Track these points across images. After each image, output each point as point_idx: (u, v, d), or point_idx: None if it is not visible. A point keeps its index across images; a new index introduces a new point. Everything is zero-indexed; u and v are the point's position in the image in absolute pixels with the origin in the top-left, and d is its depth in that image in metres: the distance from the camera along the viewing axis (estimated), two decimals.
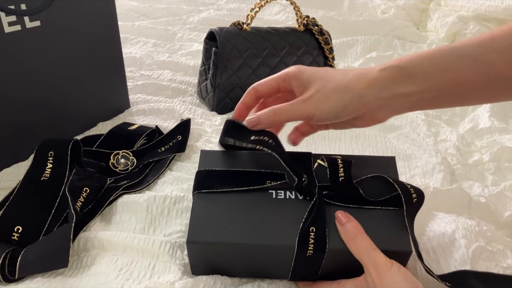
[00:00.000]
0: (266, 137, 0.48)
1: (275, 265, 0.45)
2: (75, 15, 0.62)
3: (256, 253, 0.44)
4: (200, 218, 0.44)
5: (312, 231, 0.42)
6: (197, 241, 0.43)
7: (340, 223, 0.42)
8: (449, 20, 1.20)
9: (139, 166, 0.63)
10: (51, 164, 0.55)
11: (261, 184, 0.47)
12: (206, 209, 0.45)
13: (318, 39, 0.82)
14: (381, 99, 0.42)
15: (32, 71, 0.59)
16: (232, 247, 0.43)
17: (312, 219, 0.43)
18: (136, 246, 0.48)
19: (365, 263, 0.40)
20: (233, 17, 1.26)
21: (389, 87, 0.41)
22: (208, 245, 0.43)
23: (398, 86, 0.41)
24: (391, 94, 0.41)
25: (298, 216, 0.44)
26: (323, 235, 0.42)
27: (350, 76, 0.43)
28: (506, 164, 0.67)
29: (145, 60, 0.96)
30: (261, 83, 0.49)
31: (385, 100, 0.42)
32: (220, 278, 0.46)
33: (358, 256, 0.40)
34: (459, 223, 0.50)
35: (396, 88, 0.41)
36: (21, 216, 0.51)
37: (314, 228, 0.42)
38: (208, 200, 0.46)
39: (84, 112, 0.70)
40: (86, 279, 0.45)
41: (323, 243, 0.42)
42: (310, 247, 0.42)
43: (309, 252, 0.42)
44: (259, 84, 0.49)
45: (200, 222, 0.44)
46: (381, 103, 0.42)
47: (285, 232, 0.43)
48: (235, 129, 0.49)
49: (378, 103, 0.42)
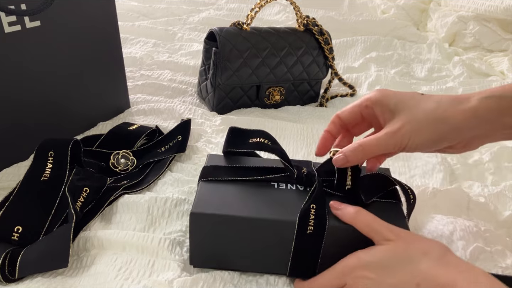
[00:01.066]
0: (262, 138, 0.52)
1: (276, 247, 0.45)
2: (75, 15, 0.62)
3: (258, 231, 0.44)
4: (205, 195, 0.46)
5: (313, 208, 0.44)
6: (201, 213, 0.43)
7: (336, 209, 0.43)
8: (449, 20, 1.20)
9: (139, 166, 0.63)
10: (51, 164, 0.55)
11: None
12: (211, 189, 0.47)
13: (318, 39, 0.82)
14: (481, 129, 0.39)
15: (32, 71, 0.59)
16: (235, 221, 0.44)
17: (313, 199, 0.45)
18: (135, 243, 0.48)
19: (380, 231, 0.39)
20: (233, 17, 1.26)
21: (491, 118, 0.38)
22: (211, 217, 0.44)
23: (501, 117, 0.38)
24: (492, 126, 0.38)
25: (300, 200, 0.45)
26: (323, 212, 0.43)
27: (444, 105, 0.40)
28: (506, 164, 0.67)
29: (145, 60, 0.96)
30: (344, 111, 0.47)
31: (485, 131, 0.39)
32: (220, 274, 0.46)
33: (368, 228, 0.40)
34: (456, 225, 0.50)
35: (498, 120, 0.38)
36: (21, 216, 0.51)
37: (314, 205, 0.44)
38: (213, 184, 0.48)
39: (84, 112, 0.70)
40: (86, 279, 0.45)
41: (323, 220, 0.43)
42: (310, 222, 0.43)
43: (309, 230, 0.43)
44: (342, 112, 0.47)
45: (205, 198, 0.45)
46: (480, 133, 0.39)
47: (287, 209, 0.44)
48: (235, 138, 0.54)
49: (476, 133, 0.39)
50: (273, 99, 0.83)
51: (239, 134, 0.55)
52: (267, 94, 0.82)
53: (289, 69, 0.81)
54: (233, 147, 0.54)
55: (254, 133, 0.54)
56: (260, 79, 0.79)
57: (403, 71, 1.02)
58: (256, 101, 0.83)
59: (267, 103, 0.83)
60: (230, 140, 0.54)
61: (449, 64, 1.07)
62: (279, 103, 0.84)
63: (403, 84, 0.96)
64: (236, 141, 0.54)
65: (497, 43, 1.14)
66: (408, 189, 0.48)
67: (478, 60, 1.08)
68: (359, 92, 0.93)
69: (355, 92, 0.92)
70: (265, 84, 0.80)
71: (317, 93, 0.88)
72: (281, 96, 0.83)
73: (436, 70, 1.04)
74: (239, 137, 0.54)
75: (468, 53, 1.13)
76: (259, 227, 0.44)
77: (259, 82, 0.80)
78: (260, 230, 0.44)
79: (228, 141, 0.54)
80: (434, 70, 1.04)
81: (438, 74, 1.03)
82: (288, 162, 0.49)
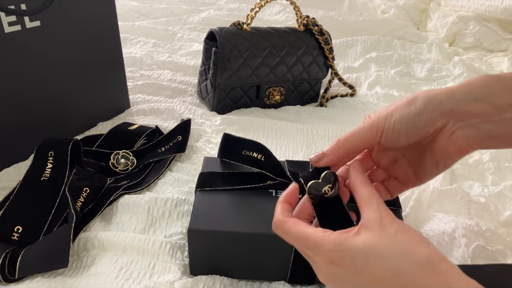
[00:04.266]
0: (256, 153, 0.51)
1: (275, 257, 0.45)
2: (75, 15, 0.62)
3: (256, 245, 0.44)
4: (202, 209, 0.45)
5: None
6: (199, 229, 0.43)
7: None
8: (449, 20, 1.20)
9: (139, 166, 0.63)
10: (51, 164, 0.55)
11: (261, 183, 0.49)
12: (208, 202, 0.46)
13: (318, 39, 0.82)
14: (461, 111, 0.35)
15: (32, 71, 0.59)
16: (233, 237, 0.43)
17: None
18: (136, 246, 0.48)
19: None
20: (233, 17, 1.26)
21: (471, 96, 0.35)
22: (209, 234, 0.43)
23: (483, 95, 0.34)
24: (469, 108, 0.34)
25: None
26: None
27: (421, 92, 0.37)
28: (506, 164, 0.67)
29: (145, 60, 0.96)
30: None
31: (463, 114, 0.35)
32: (219, 278, 0.46)
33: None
34: (458, 223, 0.50)
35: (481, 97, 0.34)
36: (21, 216, 0.51)
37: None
38: (210, 195, 0.47)
39: (84, 112, 0.70)
40: (86, 279, 0.45)
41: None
42: None
43: None
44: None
45: (202, 213, 0.45)
46: (460, 116, 0.35)
47: None
48: (228, 146, 0.54)
49: (457, 114, 0.35)
50: (273, 99, 0.83)
51: (232, 143, 0.54)
52: (267, 94, 0.82)
53: (289, 69, 0.81)
54: (227, 157, 0.53)
55: (248, 144, 0.53)
56: (260, 79, 0.79)
57: (403, 71, 1.02)
58: (256, 101, 0.83)
59: (267, 103, 0.83)
60: (224, 149, 0.54)
61: (449, 64, 1.07)
62: (279, 103, 0.84)
63: (403, 84, 0.96)
64: (230, 151, 0.54)
65: (497, 43, 1.14)
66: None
67: (478, 60, 1.08)
68: (359, 92, 0.93)
69: (355, 92, 0.92)
70: (265, 84, 0.80)
71: (317, 93, 0.88)
72: (281, 96, 0.83)
73: (436, 70, 1.04)
74: (232, 146, 0.54)
75: (468, 53, 1.13)
76: (258, 241, 0.44)
77: (259, 82, 0.80)
78: (259, 243, 0.44)
79: (222, 150, 0.54)
80: (434, 70, 1.04)
81: (438, 74, 1.03)
82: (283, 174, 0.49)
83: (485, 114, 0.34)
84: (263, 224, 0.44)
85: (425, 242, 0.30)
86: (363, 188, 0.34)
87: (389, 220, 0.31)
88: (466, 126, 0.35)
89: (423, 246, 0.30)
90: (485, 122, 0.35)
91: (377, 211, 0.32)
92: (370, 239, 0.30)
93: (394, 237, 0.30)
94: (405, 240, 0.30)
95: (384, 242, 0.30)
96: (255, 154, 0.52)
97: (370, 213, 0.32)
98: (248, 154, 0.52)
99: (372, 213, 0.32)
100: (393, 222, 0.31)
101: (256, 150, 0.52)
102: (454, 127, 0.36)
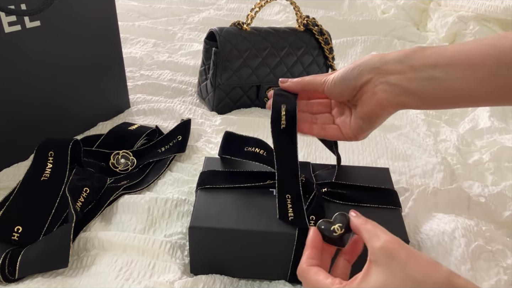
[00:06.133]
0: (258, 148, 0.51)
1: (276, 255, 0.45)
2: (75, 15, 0.62)
3: (257, 243, 0.44)
4: (203, 207, 0.46)
5: (312, 219, 0.44)
6: (200, 227, 0.43)
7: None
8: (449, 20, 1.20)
9: (139, 166, 0.63)
10: (51, 164, 0.55)
11: (262, 182, 0.49)
12: (209, 200, 0.47)
13: (318, 39, 0.82)
14: (384, 69, 0.42)
15: (32, 71, 0.59)
16: (234, 234, 0.43)
17: (312, 209, 0.44)
18: (136, 246, 0.48)
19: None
20: (233, 17, 1.26)
21: (396, 59, 0.42)
22: (210, 231, 0.43)
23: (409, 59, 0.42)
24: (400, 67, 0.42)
25: None
26: None
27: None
28: (506, 164, 0.67)
29: (145, 60, 0.96)
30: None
31: (385, 71, 0.42)
32: (220, 277, 0.46)
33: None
34: (458, 223, 0.50)
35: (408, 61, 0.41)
36: (21, 216, 0.51)
37: (314, 216, 0.44)
38: (211, 193, 0.48)
39: (84, 112, 0.70)
40: (86, 279, 0.45)
41: None
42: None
43: None
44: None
45: (203, 210, 0.45)
46: (383, 73, 0.43)
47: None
48: (230, 144, 0.54)
49: (380, 72, 0.43)
50: None
51: (234, 140, 0.54)
52: (267, 94, 0.82)
53: (289, 69, 0.81)
54: (228, 154, 0.53)
55: (250, 141, 0.53)
56: (260, 79, 0.79)
57: None
58: (256, 101, 0.83)
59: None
60: (225, 146, 0.54)
61: None
62: None
63: None
64: (231, 147, 0.54)
65: None
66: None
67: None
68: None
69: None
70: (265, 84, 0.80)
71: None
72: None
73: None
74: (234, 143, 0.54)
75: None
76: (258, 239, 0.44)
77: (259, 82, 0.80)
78: (259, 241, 0.44)
79: (223, 147, 0.54)
80: None
81: None
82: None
83: (402, 72, 0.41)
84: (263, 222, 0.44)
85: (438, 264, 0.31)
86: (367, 225, 0.36)
87: (397, 246, 0.32)
88: (386, 82, 0.42)
89: (438, 269, 0.30)
90: (401, 80, 0.41)
91: (383, 239, 0.33)
92: (381, 276, 0.31)
93: (405, 266, 0.31)
94: (417, 267, 0.30)
95: (398, 275, 0.31)
96: (257, 149, 0.52)
97: (376, 243, 0.33)
98: (250, 150, 0.52)
99: (377, 242, 0.33)
100: (401, 248, 0.32)
101: (259, 146, 0.52)
102: (376, 81, 0.43)
